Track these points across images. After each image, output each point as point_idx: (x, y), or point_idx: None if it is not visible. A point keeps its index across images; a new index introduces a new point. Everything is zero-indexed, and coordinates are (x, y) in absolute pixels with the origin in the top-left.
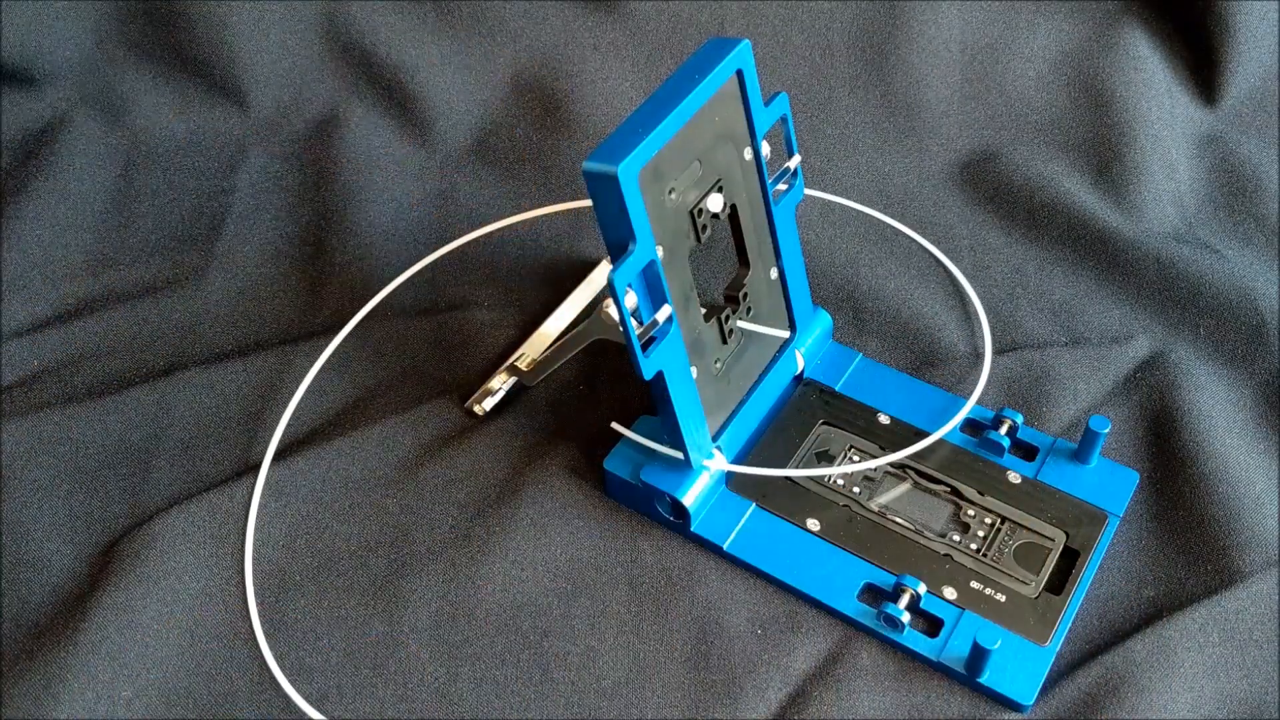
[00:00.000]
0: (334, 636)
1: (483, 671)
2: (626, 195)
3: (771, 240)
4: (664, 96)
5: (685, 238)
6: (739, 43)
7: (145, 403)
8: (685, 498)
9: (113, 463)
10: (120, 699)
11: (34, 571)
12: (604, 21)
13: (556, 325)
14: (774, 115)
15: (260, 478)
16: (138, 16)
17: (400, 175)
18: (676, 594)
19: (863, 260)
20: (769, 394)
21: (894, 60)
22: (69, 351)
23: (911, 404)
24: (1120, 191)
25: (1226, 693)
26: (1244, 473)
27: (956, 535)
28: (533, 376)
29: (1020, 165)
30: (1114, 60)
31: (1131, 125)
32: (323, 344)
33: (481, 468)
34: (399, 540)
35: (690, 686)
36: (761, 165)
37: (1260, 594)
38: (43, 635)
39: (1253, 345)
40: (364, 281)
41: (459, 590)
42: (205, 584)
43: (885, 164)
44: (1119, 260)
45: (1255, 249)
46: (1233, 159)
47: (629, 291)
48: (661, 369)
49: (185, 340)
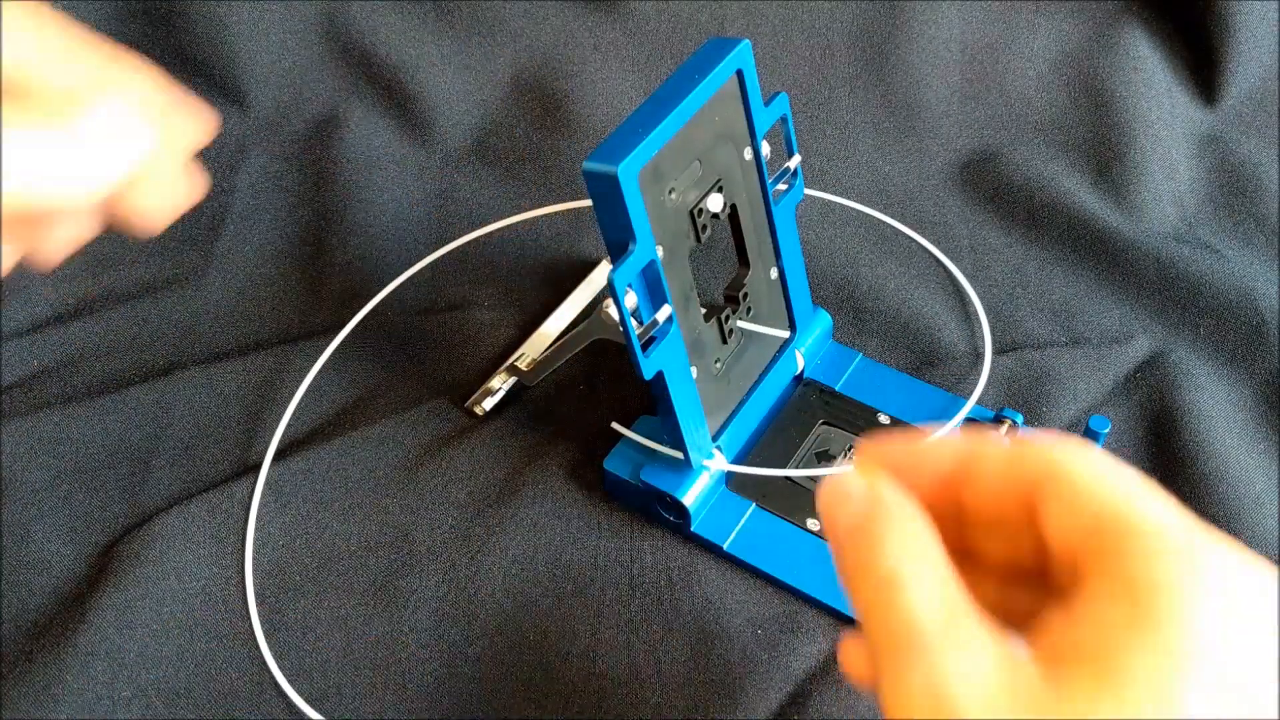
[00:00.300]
0: (334, 636)
1: (482, 671)
2: (626, 195)
3: (771, 240)
4: (664, 96)
5: (685, 238)
6: (739, 43)
7: (145, 403)
8: (685, 498)
9: (112, 463)
10: (120, 699)
11: (33, 571)
12: (604, 21)
13: (556, 325)
14: (774, 115)
15: (260, 478)
16: (138, 16)
17: (400, 175)
18: (676, 594)
19: (862, 260)
20: (769, 394)
21: (894, 60)
22: (69, 351)
23: (911, 404)
24: (1120, 191)
25: None
26: (1244, 473)
27: None
28: (533, 376)
29: (1020, 165)
30: (1114, 60)
31: (1131, 125)
32: (323, 344)
33: (481, 467)
34: (399, 540)
35: (690, 686)
36: (761, 165)
37: None
38: (42, 635)
39: (1253, 345)
40: (364, 281)
41: (459, 590)
42: (205, 584)
43: (885, 164)
44: (1119, 260)
45: (1255, 249)
46: (1233, 159)
47: (629, 291)
48: (661, 369)
49: (185, 340)
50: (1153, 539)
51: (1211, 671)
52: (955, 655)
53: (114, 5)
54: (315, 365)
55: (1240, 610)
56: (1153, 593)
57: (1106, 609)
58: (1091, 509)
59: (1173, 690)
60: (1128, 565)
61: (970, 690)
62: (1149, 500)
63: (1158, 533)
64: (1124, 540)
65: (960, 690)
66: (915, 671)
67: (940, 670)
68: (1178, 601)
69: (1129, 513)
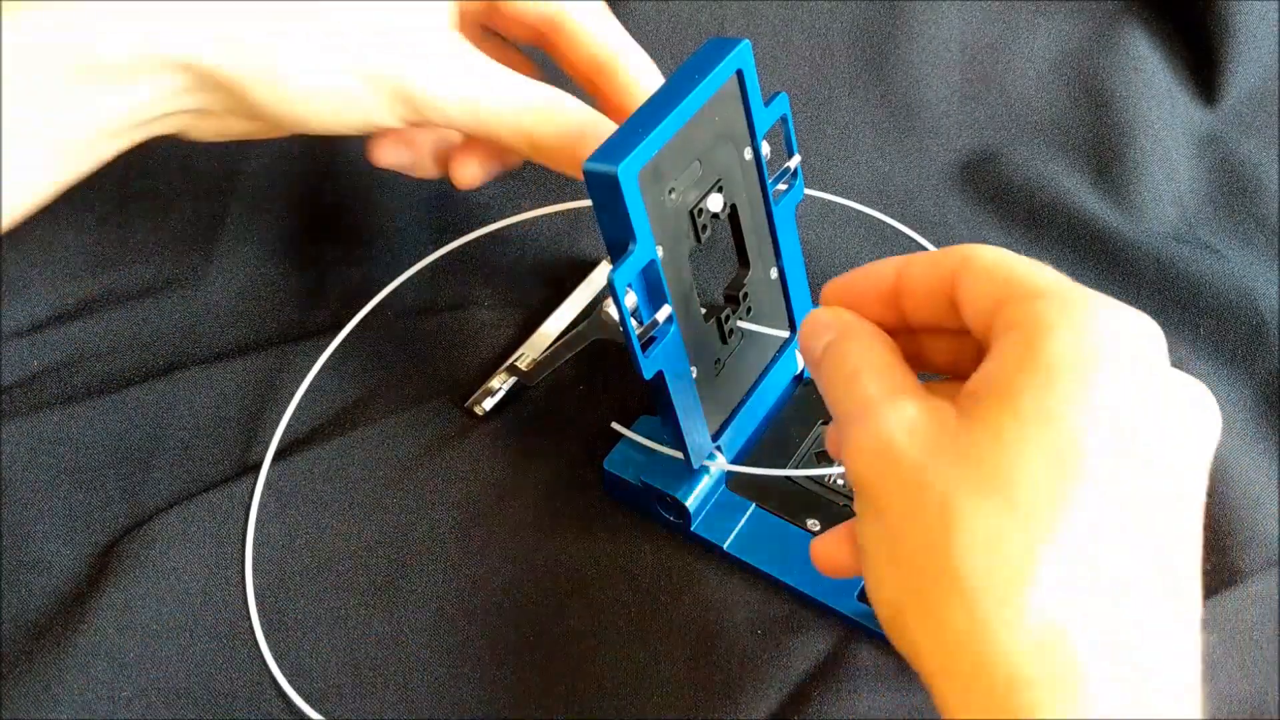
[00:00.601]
0: (334, 636)
1: (483, 671)
2: (626, 195)
3: (772, 240)
4: (664, 96)
5: (685, 238)
6: (739, 43)
7: (145, 402)
8: (686, 498)
9: (112, 463)
10: (120, 699)
11: (33, 572)
12: None
13: (556, 325)
14: (774, 115)
15: (260, 478)
16: None
17: (400, 175)
18: (676, 594)
19: (862, 260)
20: (769, 394)
21: (894, 60)
22: (69, 351)
23: None
24: (1120, 192)
25: (1226, 693)
26: (1244, 472)
27: None
28: (533, 376)
29: (1020, 165)
30: (1114, 60)
31: (1132, 125)
32: (323, 344)
33: (481, 467)
34: (399, 540)
35: (690, 686)
36: (762, 165)
37: (1260, 594)
38: (42, 635)
39: (1253, 345)
40: (364, 281)
41: (459, 590)
42: (205, 584)
43: (885, 164)
44: (1119, 260)
45: (1255, 249)
46: (1233, 159)
47: (629, 291)
48: (661, 369)
49: (185, 340)
50: (1042, 297)
51: (1086, 391)
52: (892, 411)
53: None
54: (315, 365)
55: (1113, 344)
56: (1039, 333)
57: (1007, 354)
58: (995, 283)
59: (1055, 406)
60: (1022, 316)
61: (902, 432)
62: (1042, 271)
63: (1046, 291)
64: (1020, 303)
65: (896, 433)
66: (865, 429)
67: (882, 422)
68: (1059, 336)
69: (1024, 280)
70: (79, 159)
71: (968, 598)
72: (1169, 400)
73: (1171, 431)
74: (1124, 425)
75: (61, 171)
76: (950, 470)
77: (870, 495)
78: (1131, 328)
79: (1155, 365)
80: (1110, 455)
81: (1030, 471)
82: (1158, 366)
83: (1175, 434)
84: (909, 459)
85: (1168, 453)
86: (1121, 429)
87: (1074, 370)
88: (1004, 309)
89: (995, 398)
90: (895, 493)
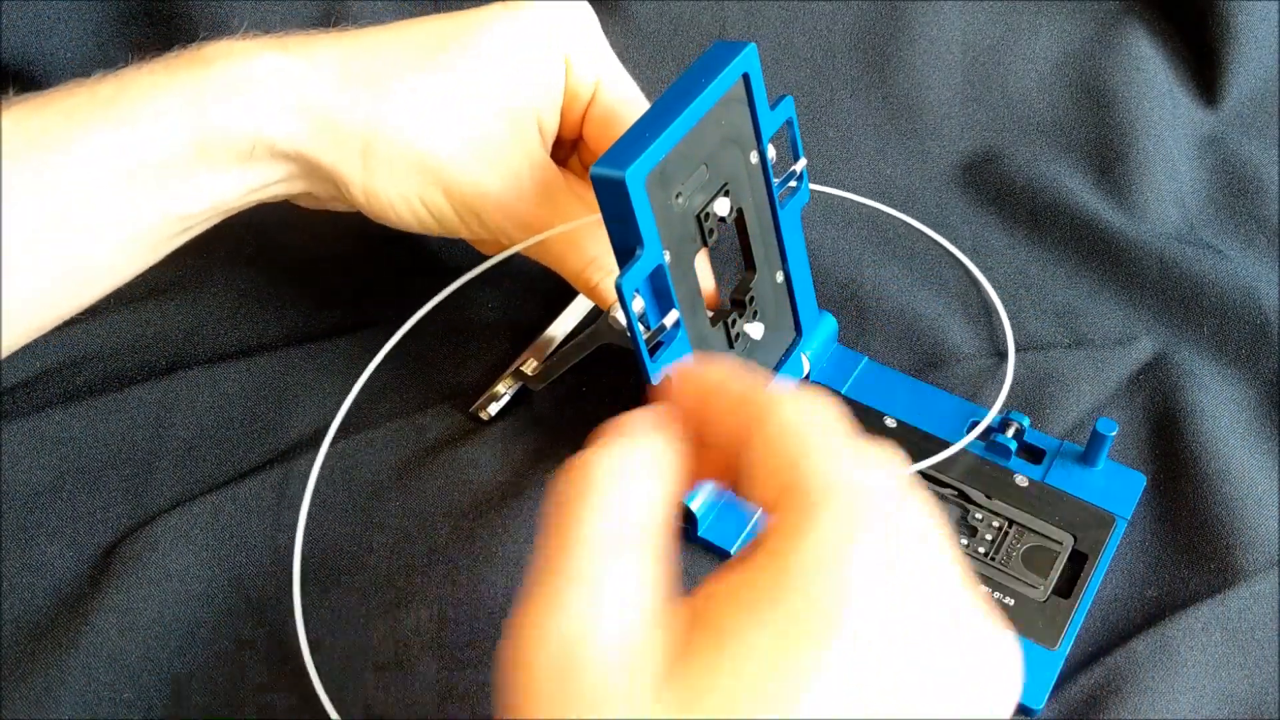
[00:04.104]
0: (335, 636)
1: (484, 674)
2: (634, 200)
3: (778, 244)
4: (670, 100)
5: (692, 242)
6: (745, 46)
7: (147, 404)
8: (692, 503)
9: (114, 464)
10: (121, 700)
11: (35, 573)
12: (604, 22)
13: (562, 330)
14: (780, 118)
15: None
16: (139, 18)
17: None
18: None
19: (866, 261)
20: None
21: (895, 62)
22: (69, 351)
23: (918, 408)
24: (1122, 192)
25: (1227, 692)
26: (1247, 472)
27: (964, 538)
28: (538, 381)
29: (1022, 166)
30: (1115, 61)
31: (1133, 126)
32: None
33: (484, 470)
34: (401, 542)
35: None
36: (768, 169)
37: (1262, 593)
38: (43, 637)
39: (1256, 345)
40: (369, 284)
41: (461, 592)
42: (207, 585)
43: (887, 166)
44: (1121, 261)
45: (1257, 249)
46: (1234, 159)
47: (636, 296)
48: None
49: (187, 341)
50: (804, 512)
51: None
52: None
53: (115, 6)
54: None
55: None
56: (775, 555)
57: (760, 573)
58: (781, 471)
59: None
60: (775, 538)
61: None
62: (826, 464)
63: (811, 504)
64: (787, 513)
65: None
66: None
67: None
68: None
69: (802, 479)
70: (184, 233)
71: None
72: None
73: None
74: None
75: (163, 248)
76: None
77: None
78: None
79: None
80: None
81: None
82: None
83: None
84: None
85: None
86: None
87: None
88: (781, 504)
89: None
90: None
